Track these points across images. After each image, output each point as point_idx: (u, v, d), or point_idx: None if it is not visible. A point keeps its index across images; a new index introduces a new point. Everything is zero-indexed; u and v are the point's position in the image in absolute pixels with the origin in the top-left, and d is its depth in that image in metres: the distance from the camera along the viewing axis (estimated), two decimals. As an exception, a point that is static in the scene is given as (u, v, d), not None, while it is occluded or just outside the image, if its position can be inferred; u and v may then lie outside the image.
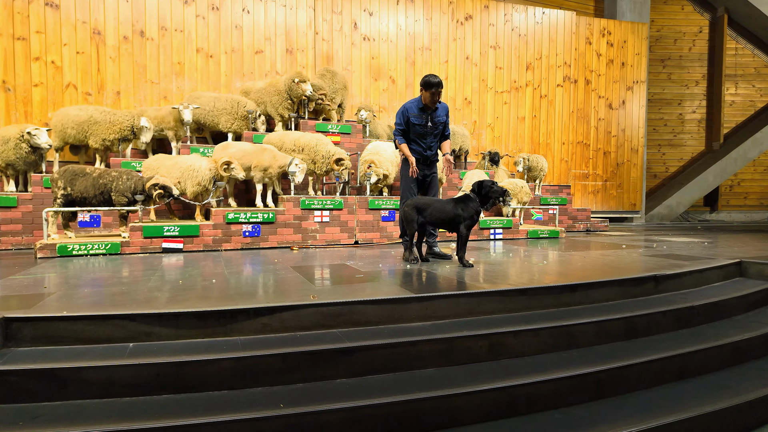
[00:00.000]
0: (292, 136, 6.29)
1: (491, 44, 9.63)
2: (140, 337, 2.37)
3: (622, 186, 10.71)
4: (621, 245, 5.77)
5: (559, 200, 8.53)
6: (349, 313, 2.61)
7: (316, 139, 6.18)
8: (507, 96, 9.81)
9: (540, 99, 10.04)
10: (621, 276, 3.42)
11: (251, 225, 5.37)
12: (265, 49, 8.09)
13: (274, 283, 3.29)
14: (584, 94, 10.35)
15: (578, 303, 3.14)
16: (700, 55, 11.95)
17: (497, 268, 3.92)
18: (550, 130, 10.12)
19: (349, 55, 8.66)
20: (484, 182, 4.03)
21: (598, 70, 10.45)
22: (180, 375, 2.12)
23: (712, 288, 3.70)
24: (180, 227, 5.07)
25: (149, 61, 7.48)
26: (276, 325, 2.49)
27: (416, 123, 4.28)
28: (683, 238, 6.85)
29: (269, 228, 5.49)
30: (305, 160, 6.12)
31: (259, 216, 5.41)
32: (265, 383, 2.19)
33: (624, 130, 10.68)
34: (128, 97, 7.38)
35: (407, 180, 4.43)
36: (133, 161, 6.20)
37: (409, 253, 4.11)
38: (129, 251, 4.88)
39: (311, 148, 6.11)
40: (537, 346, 2.65)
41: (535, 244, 6.02)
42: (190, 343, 2.35)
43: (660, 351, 2.69)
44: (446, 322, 2.75)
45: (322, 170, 6.09)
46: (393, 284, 3.21)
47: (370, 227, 6.02)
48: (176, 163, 5.48)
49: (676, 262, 4.17)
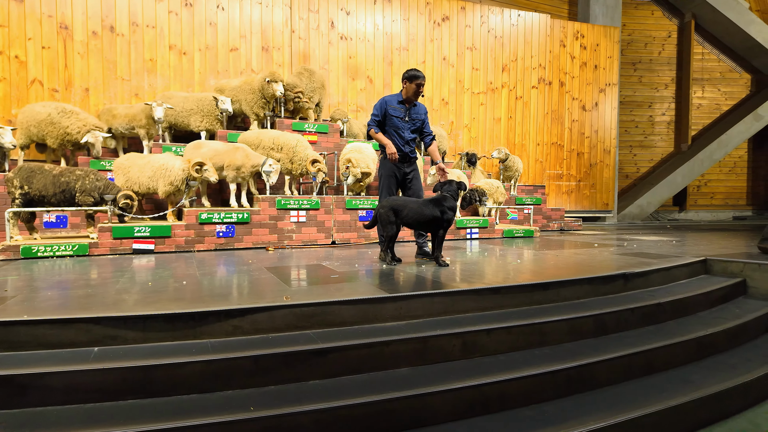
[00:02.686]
0: (270, 135, 6.23)
1: (468, 45, 9.73)
2: (106, 341, 2.31)
3: (595, 186, 10.96)
4: (593, 244, 5.89)
5: (533, 200, 8.68)
6: (323, 314, 2.60)
7: (296, 139, 6.14)
8: (483, 97, 9.92)
9: (516, 100, 10.19)
10: (592, 274, 3.49)
11: (225, 225, 5.31)
12: (240, 46, 7.98)
13: (248, 285, 3.26)
14: (559, 95, 10.55)
15: (550, 301, 3.19)
16: (669, 59, 12.33)
17: (472, 268, 3.95)
18: (525, 131, 10.28)
19: (326, 54, 8.62)
20: (461, 185, 4.07)
21: (572, 73, 10.66)
22: (148, 379, 2.08)
23: (678, 285, 3.81)
24: (151, 228, 4.97)
25: (120, 58, 7.29)
26: (248, 327, 2.47)
27: (394, 115, 4.26)
28: (653, 236, 7.05)
29: (244, 228, 5.42)
30: (283, 159, 6.07)
31: (233, 216, 5.35)
32: (236, 386, 2.16)
33: (597, 131, 10.94)
34: (98, 94, 7.18)
35: (387, 179, 4.36)
36: (103, 160, 6.04)
37: (385, 253, 4.12)
38: (98, 253, 4.75)
39: (290, 148, 6.07)
40: (510, 343, 2.68)
41: (511, 244, 6.10)
42: (159, 347, 2.30)
43: (628, 347, 2.76)
44: (421, 321, 2.76)
45: (299, 171, 6.05)
46: (368, 284, 3.20)
47: (347, 227, 6.01)
48: (148, 162, 5.36)
49: (645, 260, 4.28)
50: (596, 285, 3.41)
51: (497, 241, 6.52)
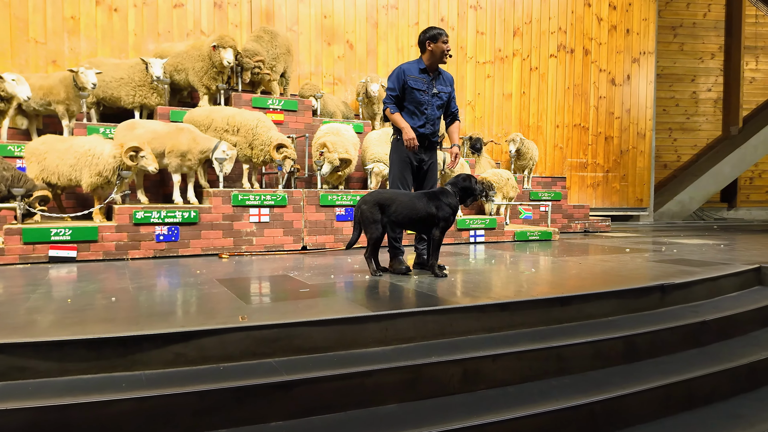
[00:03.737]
0: (224, 113, 6.17)
1: (471, 4, 9.76)
2: (11, 373, 2.26)
3: (626, 178, 11.10)
4: (624, 249, 5.97)
5: (552, 195, 8.74)
6: (289, 338, 2.59)
7: (257, 119, 6.10)
8: (490, 68, 9.96)
9: (530, 72, 10.26)
10: (622, 286, 3.52)
11: (167, 227, 5.27)
12: (186, 2, 7.90)
13: (195, 301, 3.23)
14: (582, 66, 10.65)
15: (571, 319, 3.21)
16: (716, 22, 12.52)
17: (476, 278, 3.96)
18: (541, 110, 10.36)
19: (294, 12, 8.57)
20: (460, 176, 4.10)
21: (598, 38, 10.77)
22: (65, 422, 2.04)
23: (726, 299, 3.87)
24: (73, 230, 4.92)
25: (33, 15, 7.16)
26: (193, 354, 2.44)
27: (416, 88, 4.21)
28: (696, 239, 7.17)
29: (191, 230, 5.39)
30: (240, 144, 6.03)
31: (177, 215, 5.31)
32: (177, 428, 2.14)
33: (629, 110, 11.07)
34: (4, 61, 7.04)
35: (400, 165, 4.30)
36: (11, 144, 5.93)
37: (369, 261, 4.11)
38: (4, 261, 4.67)
39: (249, 130, 6.03)
40: (521, 372, 2.69)
41: (523, 249, 6.13)
42: (79, 381, 2.27)
43: (666, 375, 2.79)
44: (412, 345, 2.76)
45: (261, 158, 6.01)
46: (347, 300, 3.19)
47: (321, 229, 5.99)
48: (70, 147, 5.28)
49: (687, 268, 4.35)
50: (627, 299, 3.44)
51: (507, 245, 6.55)
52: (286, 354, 2.57)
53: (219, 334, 2.49)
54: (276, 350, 2.56)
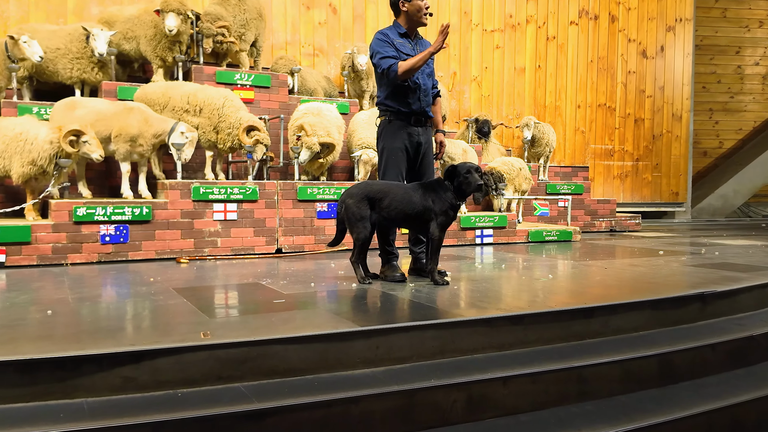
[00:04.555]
0: (183, 90, 6.13)
1: (477, -40, 9.76)
2: (-74, 402, 2.23)
3: (659, 167, 11.16)
4: (657, 251, 6.00)
5: (572, 188, 8.77)
6: (261, 358, 2.58)
7: (222, 97, 6.07)
8: (500, 37, 9.96)
9: (546, 42, 10.27)
10: (655, 295, 3.53)
11: (114, 226, 5.25)
12: (137, -43, 7.83)
13: (148, 315, 3.23)
14: (608, 36, 10.68)
15: (595, 334, 3.21)
16: (764, -16, 12.60)
17: (483, 286, 3.96)
18: (560, 87, 10.38)
19: (267, -30, 8.53)
20: (459, 167, 4.00)
21: (627, 2, 10.81)
22: (-10, 460, 2.02)
23: (777, 310, 3.90)
24: (1, 230, 4.88)
25: (-49, -29, 7.07)
26: (146, 379, 2.42)
27: (405, 52, 4.22)
28: (741, 240, 7.22)
29: (143, 230, 5.38)
30: (203, 127, 6.00)
31: (126, 212, 5.30)
32: (127, 468, 2.12)
33: (663, 88, 11.12)
34: None
35: (394, 154, 4.28)
36: (-75, 127, 5.86)
37: (356, 266, 4.10)
38: None
39: (214, 110, 6.00)
40: (536, 397, 2.69)
41: (539, 251, 6.15)
42: (9, 411, 2.24)
43: (708, 401, 2.80)
44: (406, 366, 2.75)
45: (228, 144, 5.99)
46: (329, 313, 3.19)
47: (299, 228, 5.98)
48: (-3, 131, 5.25)
49: (731, 274, 4.38)
50: (661, 310, 3.45)
51: (519, 247, 6.57)
52: (257, 377, 2.55)
53: (177, 354, 2.47)
54: (245, 373, 2.54)
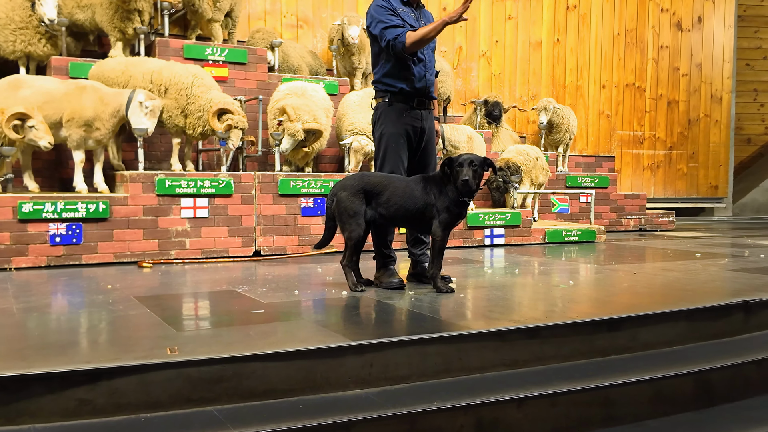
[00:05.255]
0: (146, 66, 6.14)
1: None
2: None
3: (696, 157, 11.18)
4: (694, 254, 6.02)
5: (596, 181, 8.79)
6: (237, 377, 2.57)
7: (192, 75, 6.08)
8: (512, 6, 9.97)
9: (566, 12, 10.28)
10: (691, 304, 3.54)
11: (66, 224, 5.25)
12: None
13: (106, 328, 3.22)
14: (638, 5, 10.69)
15: (622, 350, 3.21)
16: (818, -55, 12.62)
17: (494, 295, 3.96)
18: (582, 64, 10.38)
19: (244, -73, 8.51)
20: (453, 159, 3.93)
21: (659, -33, 10.82)
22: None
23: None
24: (-65, 228, 4.89)
25: None
26: (103, 401, 2.41)
27: (410, 23, 4.27)
28: (790, 241, 7.25)
29: (99, 229, 5.38)
30: (170, 109, 6.02)
31: (80, 208, 5.30)
32: (83, 504, 2.12)
33: (700, 65, 11.13)
34: None
35: (394, 140, 4.31)
36: None
37: (347, 271, 4.11)
38: None
39: (181, 90, 6.01)
40: (555, 422, 2.69)
41: (557, 253, 6.17)
42: (-57, 438, 2.25)
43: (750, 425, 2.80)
44: (406, 387, 2.75)
45: (198, 129, 5.98)
46: (316, 325, 3.18)
47: (281, 227, 5.99)
48: (-72, 114, 5.23)
49: (779, 279, 4.40)
50: (698, 322, 3.46)
51: (535, 249, 6.58)
52: (233, 400, 2.54)
53: (139, 373, 2.46)
54: (218, 395, 2.54)
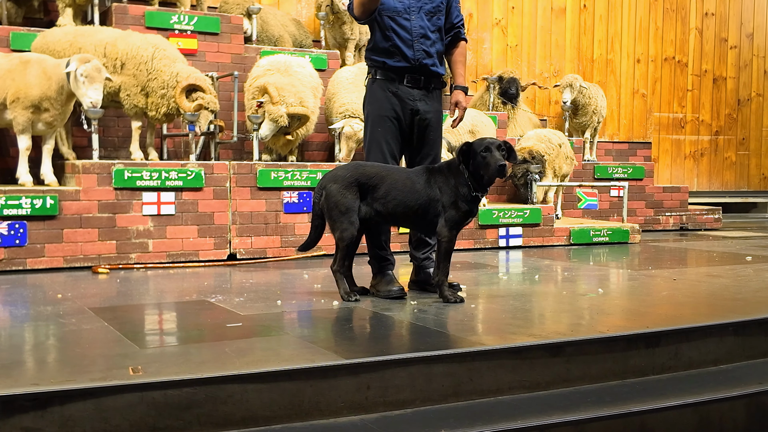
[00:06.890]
0: (98, 37, 6.13)
1: None
2: None
3: (746, 144, 11.19)
4: (744, 257, 6.01)
5: (629, 171, 8.77)
6: (211, 402, 2.57)
7: (152, 45, 6.10)
8: (532, -34, 9.97)
9: (594, -26, 10.29)
10: (741, 316, 3.54)
11: (7, 223, 5.28)
12: None
13: (55, 344, 3.22)
14: (677, -34, 10.70)
15: (661, 369, 3.22)
16: None
17: (510, 305, 3.96)
18: (613, 34, 10.38)
19: None
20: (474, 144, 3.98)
21: None
22: None
23: None
24: None
25: None
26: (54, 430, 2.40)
27: None
28: None
29: (46, 229, 5.40)
30: (128, 87, 6.03)
31: (24, 204, 5.31)
32: None
33: (751, 35, 11.13)
34: None
35: (380, 124, 4.35)
36: None
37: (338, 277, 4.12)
38: None
39: (141, 64, 6.02)
40: (583, 455, 2.70)
41: (584, 256, 6.16)
42: None
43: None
44: (407, 413, 2.75)
45: (162, 110, 5.98)
46: (302, 341, 3.19)
47: (260, 226, 6.00)
48: None
49: (843, 287, 4.40)
50: (749, 336, 3.46)
51: (558, 251, 6.57)
52: (206, 428, 2.55)
53: (95, 397, 2.46)
54: (189, 422, 2.54)
